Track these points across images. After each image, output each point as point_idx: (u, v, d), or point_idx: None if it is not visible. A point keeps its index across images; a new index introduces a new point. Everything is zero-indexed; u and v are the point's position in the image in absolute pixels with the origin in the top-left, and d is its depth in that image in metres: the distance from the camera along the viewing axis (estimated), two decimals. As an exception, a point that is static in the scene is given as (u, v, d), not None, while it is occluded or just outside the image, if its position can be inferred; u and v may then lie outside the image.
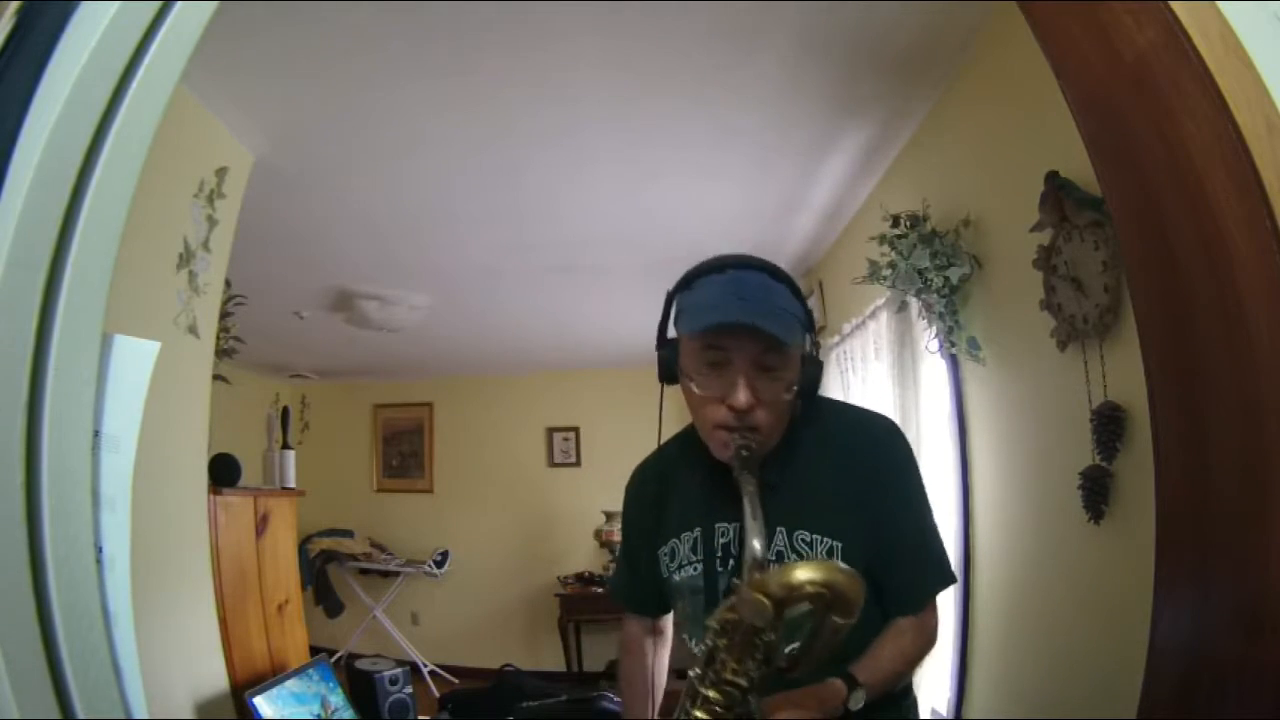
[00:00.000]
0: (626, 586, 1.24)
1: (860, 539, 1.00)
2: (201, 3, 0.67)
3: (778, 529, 1.00)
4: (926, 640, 1.05)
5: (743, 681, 0.83)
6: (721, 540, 1.04)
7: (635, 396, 5.69)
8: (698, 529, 1.07)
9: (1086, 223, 1.37)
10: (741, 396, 0.94)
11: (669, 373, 1.04)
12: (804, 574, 0.76)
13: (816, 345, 1.06)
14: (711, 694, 0.84)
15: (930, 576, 1.07)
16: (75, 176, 0.60)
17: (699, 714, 0.85)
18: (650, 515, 1.15)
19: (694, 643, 1.07)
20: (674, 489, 1.14)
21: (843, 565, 0.79)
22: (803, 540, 1.00)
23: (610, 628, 5.03)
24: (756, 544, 0.85)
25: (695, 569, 1.06)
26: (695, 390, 0.99)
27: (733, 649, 0.83)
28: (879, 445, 1.07)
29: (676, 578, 1.08)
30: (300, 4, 1.62)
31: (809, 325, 1.02)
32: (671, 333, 1.04)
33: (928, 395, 2.16)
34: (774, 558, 1.00)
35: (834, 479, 1.03)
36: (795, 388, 0.99)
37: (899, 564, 1.03)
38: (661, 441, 1.20)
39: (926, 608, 1.06)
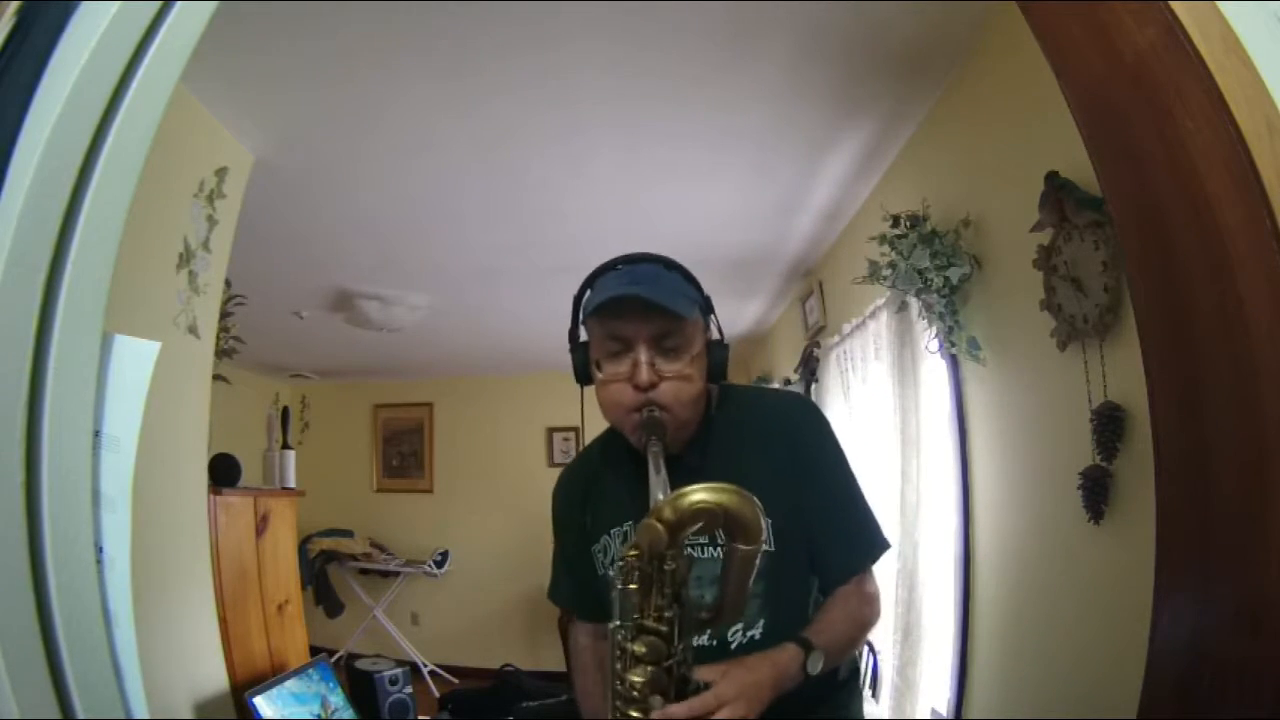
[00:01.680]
0: (567, 591, 1.23)
1: (787, 515, 1.02)
2: (201, 3, 0.67)
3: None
4: (870, 603, 1.07)
5: (663, 628, 0.83)
6: None
7: (635, 396, 5.72)
8: (628, 523, 1.08)
9: (1086, 223, 1.37)
10: (644, 373, 0.98)
11: (583, 373, 1.08)
12: (695, 495, 0.78)
13: (720, 330, 1.10)
14: (638, 648, 0.83)
15: (861, 545, 1.08)
16: (75, 176, 0.60)
17: (635, 677, 0.83)
18: (580, 515, 1.16)
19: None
20: (601, 487, 1.15)
21: (735, 488, 0.79)
22: None
23: (610, 628, 5.03)
24: (660, 496, 0.86)
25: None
26: (601, 376, 1.03)
27: (645, 590, 0.83)
28: (795, 422, 1.10)
29: (611, 573, 1.08)
30: (301, 4, 1.62)
31: (706, 308, 1.07)
32: (583, 336, 1.08)
33: (928, 395, 2.16)
34: (708, 540, 1.02)
35: (755, 458, 1.05)
36: (703, 371, 1.03)
37: (830, 537, 1.05)
38: (585, 444, 1.23)
39: (863, 574, 1.07)
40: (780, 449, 1.06)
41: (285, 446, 3.75)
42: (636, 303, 0.97)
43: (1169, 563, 0.92)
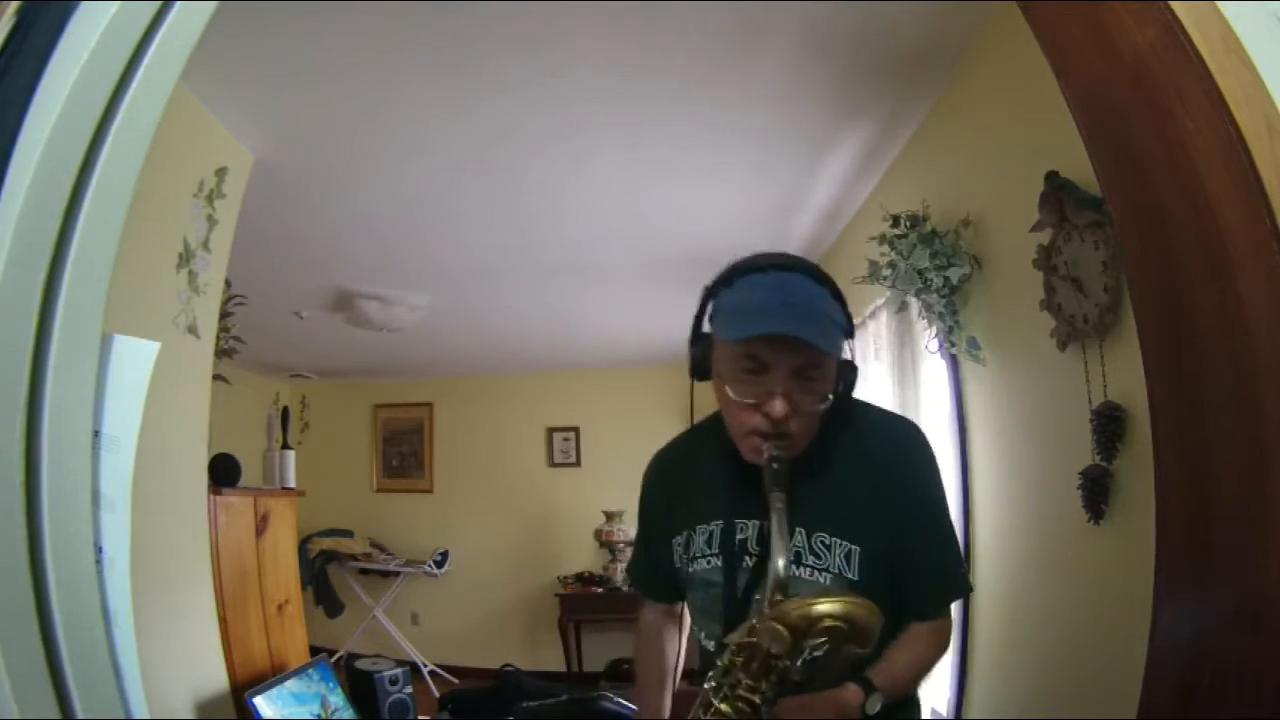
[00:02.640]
0: (642, 571, 1.23)
1: (879, 543, 0.99)
2: (201, 2, 0.67)
3: (797, 529, 0.99)
4: (941, 646, 1.05)
5: (756, 699, 0.84)
6: (740, 536, 1.03)
7: (636, 397, 5.74)
8: (716, 523, 1.06)
9: (1086, 223, 1.37)
10: (779, 406, 0.93)
11: (701, 370, 1.03)
12: (824, 608, 0.78)
13: (852, 350, 1.05)
14: (724, 708, 0.85)
15: (948, 584, 1.07)
16: (75, 176, 0.60)
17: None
18: (667, 502, 1.14)
19: (704, 635, 1.08)
20: (694, 479, 1.13)
21: (862, 600, 0.80)
22: (821, 542, 0.99)
23: (610, 628, 5.03)
24: (780, 563, 0.85)
25: (710, 562, 1.06)
26: (730, 395, 0.97)
27: (749, 669, 0.84)
28: (903, 450, 1.07)
29: (690, 569, 1.08)
30: (301, 4, 1.62)
31: (849, 331, 1.00)
32: (707, 328, 1.03)
33: (928, 395, 2.16)
34: (792, 558, 0.98)
35: (857, 482, 1.03)
36: (831, 395, 0.98)
37: (917, 571, 1.02)
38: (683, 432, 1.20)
39: (943, 615, 1.06)
40: (883, 477, 1.03)
41: (285, 446, 3.75)
42: (789, 337, 0.91)
43: (1169, 563, 0.92)
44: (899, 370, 2.27)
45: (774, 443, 0.94)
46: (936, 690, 2.10)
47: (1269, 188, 0.70)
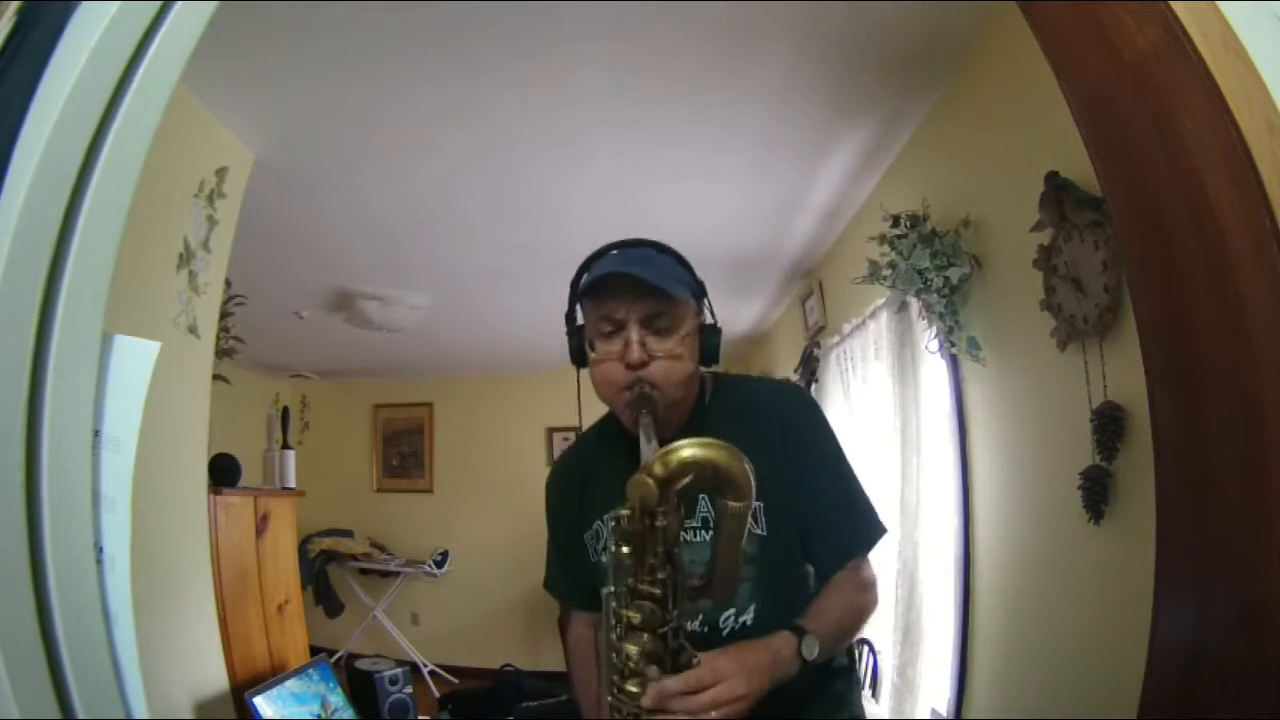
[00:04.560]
0: (560, 580, 1.23)
1: (782, 501, 1.02)
2: (201, 3, 0.67)
3: (700, 496, 1.03)
4: (866, 589, 1.07)
5: (657, 590, 0.83)
6: None
7: (635, 396, 5.72)
8: (623, 510, 1.07)
9: (1086, 223, 1.37)
10: (634, 351, 0.99)
11: (579, 355, 1.09)
12: (685, 450, 0.78)
13: (713, 315, 1.11)
14: (633, 615, 0.83)
15: (857, 531, 1.08)
16: (75, 176, 0.60)
17: (630, 647, 0.83)
18: (572, 502, 1.16)
19: None
20: (594, 474, 1.16)
21: (721, 442, 0.79)
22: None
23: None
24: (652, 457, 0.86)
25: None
26: (594, 355, 1.04)
27: (635, 550, 0.83)
28: (789, 409, 1.11)
29: (604, 559, 1.07)
30: (301, 4, 1.62)
31: (699, 291, 1.08)
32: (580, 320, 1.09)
33: (928, 395, 2.16)
34: (700, 524, 1.03)
35: (748, 442, 1.03)
36: (695, 353, 1.04)
37: (825, 523, 1.05)
38: (582, 429, 1.24)
39: (859, 560, 1.07)
40: (774, 435, 1.05)
41: (285, 446, 3.75)
42: (627, 282, 0.99)
43: (1169, 563, 0.92)
44: (899, 370, 2.27)
45: (639, 386, 0.99)
46: (936, 690, 2.11)
47: (1269, 188, 0.70)
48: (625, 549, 0.83)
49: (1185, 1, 0.74)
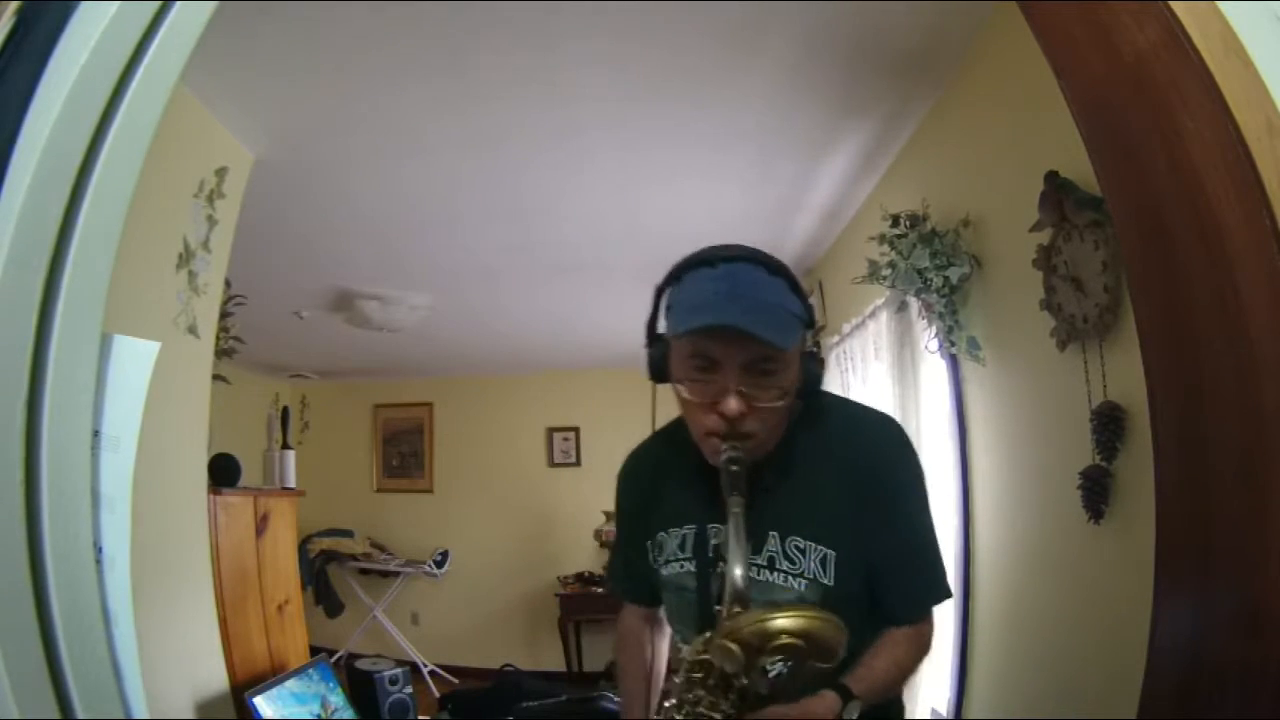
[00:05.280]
0: (621, 573, 1.21)
1: (856, 548, 0.97)
2: (201, 2, 0.67)
3: (771, 533, 0.97)
4: (921, 650, 1.02)
5: (717, 716, 0.81)
6: (714, 541, 1.01)
7: (636, 397, 5.70)
8: (689, 526, 1.04)
9: (1086, 223, 1.37)
10: (732, 405, 0.89)
11: (658, 372, 0.99)
12: (780, 623, 0.74)
13: (818, 341, 1.03)
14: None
15: (928, 589, 1.03)
16: (75, 176, 0.60)
17: None
18: (641, 503, 1.13)
19: (680, 639, 1.06)
20: (667, 480, 1.10)
21: (823, 613, 0.75)
22: (796, 547, 0.97)
23: (610, 628, 5.01)
24: (737, 572, 0.82)
25: (683, 566, 1.04)
26: (684, 394, 0.95)
27: (706, 685, 0.81)
28: (881, 449, 1.03)
29: (664, 572, 1.06)
30: (301, 4, 1.62)
31: (809, 322, 0.96)
32: (662, 328, 1.00)
33: (928, 395, 2.16)
34: (765, 563, 0.98)
35: (833, 484, 0.99)
36: (794, 389, 0.94)
37: (896, 575, 1.00)
38: (648, 437, 1.19)
39: (923, 620, 1.03)
40: (862, 479, 0.98)
41: (285, 446, 3.75)
42: (732, 329, 0.86)
43: (1169, 563, 0.92)
44: (899, 370, 2.27)
45: (730, 444, 0.90)
46: (936, 690, 2.10)
47: (1269, 188, 0.69)
48: (697, 677, 0.81)
49: (1185, 1, 0.74)
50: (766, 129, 2.25)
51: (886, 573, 0.99)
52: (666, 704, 0.86)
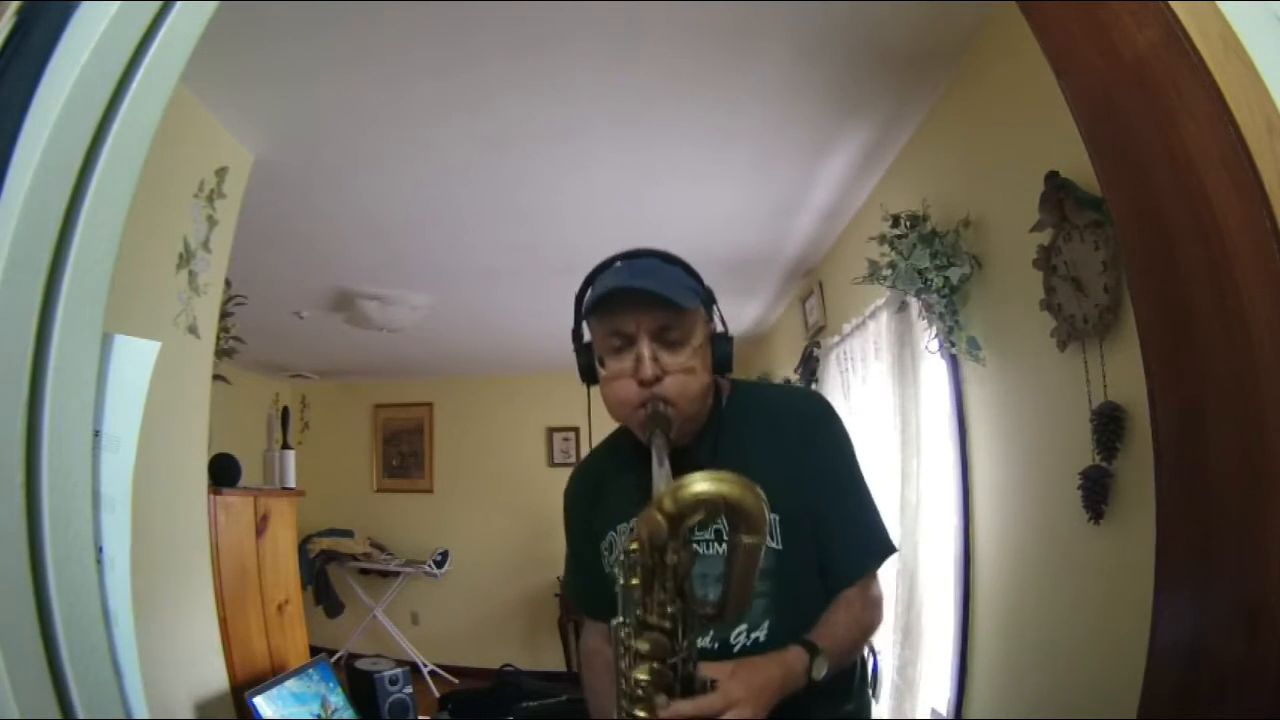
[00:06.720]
0: (581, 589, 1.22)
1: (798, 511, 1.01)
2: (201, 2, 0.67)
3: None
4: (874, 607, 1.07)
5: (667, 624, 0.81)
6: None
7: (635, 396, 5.72)
8: (634, 519, 1.05)
9: (1086, 223, 1.37)
10: (646, 367, 0.97)
11: (588, 372, 1.07)
12: (696, 485, 0.76)
13: (724, 322, 1.10)
14: (642, 645, 0.82)
15: (868, 548, 1.08)
16: (75, 176, 0.60)
17: (640, 675, 0.82)
18: (588, 509, 1.16)
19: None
20: (608, 484, 1.15)
21: (736, 476, 0.77)
22: None
23: (610, 628, 5.03)
24: (662, 488, 0.83)
25: None
26: (604, 373, 1.02)
27: (644, 583, 0.81)
28: (809, 419, 1.09)
29: (616, 573, 1.08)
30: (301, 4, 1.62)
31: (708, 299, 1.06)
32: (587, 337, 1.08)
33: (928, 395, 2.16)
34: (712, 536, 1.02)
35: (766, 454, 1.04)
36: (708, 364, 1.02)
37: (837, 538, 1.04)
38: (590, 445, 1.23)
39: (868, 578, 1.07)
40: (792, 446, 1.04)
41: (285, 446, 3.75)
42: (635, 295, 0.97)
43: (1169, 563, 0.92)
44: (899, 370, 2.27)
45: (652, 404, 0.97)
46: (936, 690, 2.11)
47: (1269, 188, 0.70)
48: (635, 581, 0.82)
49: (1185, 1, 0.74)
50: (767, 129, 2.25)
51: (826, 534, 1.04)
52: (614, 623, 0.85)
